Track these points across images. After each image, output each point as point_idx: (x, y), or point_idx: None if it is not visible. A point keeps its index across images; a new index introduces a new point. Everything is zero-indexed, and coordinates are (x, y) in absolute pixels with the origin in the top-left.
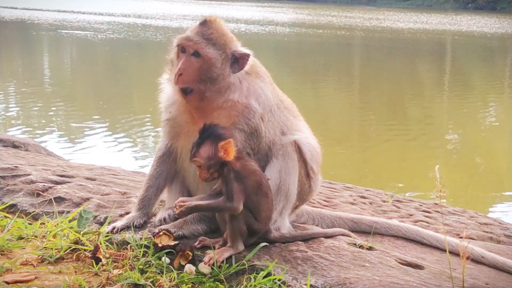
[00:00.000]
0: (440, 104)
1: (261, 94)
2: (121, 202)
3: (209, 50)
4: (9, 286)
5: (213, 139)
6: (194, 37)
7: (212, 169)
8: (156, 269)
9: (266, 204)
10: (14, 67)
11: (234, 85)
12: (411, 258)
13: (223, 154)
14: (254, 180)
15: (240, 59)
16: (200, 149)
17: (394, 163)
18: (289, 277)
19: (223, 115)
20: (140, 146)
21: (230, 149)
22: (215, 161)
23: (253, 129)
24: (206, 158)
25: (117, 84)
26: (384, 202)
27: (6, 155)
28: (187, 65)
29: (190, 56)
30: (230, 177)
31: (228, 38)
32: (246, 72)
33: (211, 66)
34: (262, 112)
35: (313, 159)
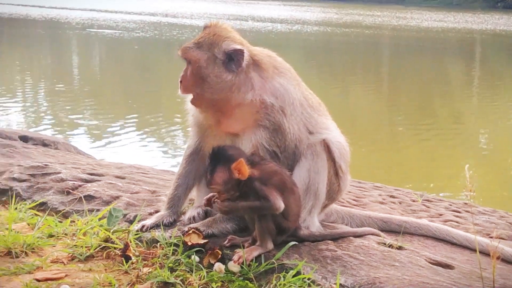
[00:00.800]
0: (470, 104)
1: (279, 88)
2: (151, 201)
3: (193, 53)
4: (39, 283)
5: (224, 163)
6: (185, 46)
7: (232, 191)
8: (186, 267)
9: (293, 201)
10: (43, 66)
11: (245, 84)
12: (441, 258)
13: (238, 175)
14: (277, 179)
15: (234, 56)
16: (215, 176)
17: (423, 162)
18: (319, 276)
19: (244, 113)
20: (169, 144)
21: (243, 168)
22: (232, 183)
23: (276, 125)
24: (222, 183)
25: (147, 83)
26: (414, 201)
27: (36, 153)
28: (185, 73)
29: (188, 64)
30: (256, 186)
31: (216, 38)
32: (262, 69)
33: (198, 68)
34: (281, 106)
35: (342, 157)
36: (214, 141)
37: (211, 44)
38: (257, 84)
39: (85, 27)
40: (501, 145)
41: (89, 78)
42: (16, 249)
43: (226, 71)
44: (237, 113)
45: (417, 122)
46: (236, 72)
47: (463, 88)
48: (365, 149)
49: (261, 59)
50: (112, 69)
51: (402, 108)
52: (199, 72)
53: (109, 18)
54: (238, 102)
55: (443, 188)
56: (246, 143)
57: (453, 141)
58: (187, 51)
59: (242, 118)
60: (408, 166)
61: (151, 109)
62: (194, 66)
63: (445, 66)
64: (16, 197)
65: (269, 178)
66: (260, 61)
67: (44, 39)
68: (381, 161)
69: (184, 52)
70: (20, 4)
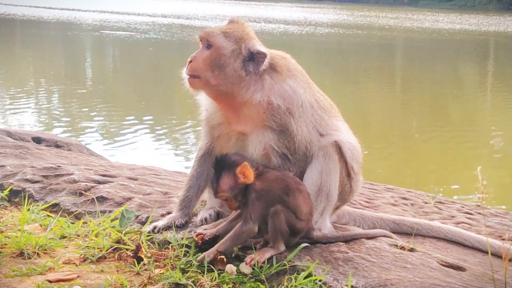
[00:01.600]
0: (483, 106)
1: (288, 90)
2: (163, 202)
3: (220, 39)
4: (51, 284)
5: (228, 169)
6: (208, 29)
7: (240, 197)
8: (197, 269)
9: (303, 199)
10: (56, 67)
11: (255, 85)
12: (453, 260)
13: (243, 179)
14: (280, 186)
15: (256, 57)
16: (220, 183)
17: (436, 164)
18: (330, 278)
19: (252, 113)
20: (181, 146)
21: (248, 171)
22: (239, 189)
23: (282, 126)
24: (229, 189)
25: (159, 84)
26: (426, 203)
27: (49, 155)
28: (198, 54)
29: (205, 48)
30: (251, 198)
31: (245, 35)
32: (274, 71)
33: (220, 54)
34: (288, 107)
35: (354, 159)
36: (225, 142)
37: (239, 39)
38: (267, 85)
39: (98, 28)
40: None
41: (102, 80)
42: (28, 250)
43: (243, 69)
44: (245, 112)
45: (430, 124)
46: (252, 73)
47: (476, 90)
48: (378, 151)
49: (276, 62)
50: (125, 70)
51: (415, 109)
52: (219, 60)
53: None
54: (245, 101)
55: (456, 190)
56: (255, 144)
57: (466, 143)
58: (214, 35)
59: (250, 117)
60: (420, 168)
61: (164, 111)
62: (216, 52)
63: (458, 68)
64: (28, 198)
65: (270, 189)
66: (275, 64)
67: (57, 40)
68: (393, 163)
69: (210, 35)
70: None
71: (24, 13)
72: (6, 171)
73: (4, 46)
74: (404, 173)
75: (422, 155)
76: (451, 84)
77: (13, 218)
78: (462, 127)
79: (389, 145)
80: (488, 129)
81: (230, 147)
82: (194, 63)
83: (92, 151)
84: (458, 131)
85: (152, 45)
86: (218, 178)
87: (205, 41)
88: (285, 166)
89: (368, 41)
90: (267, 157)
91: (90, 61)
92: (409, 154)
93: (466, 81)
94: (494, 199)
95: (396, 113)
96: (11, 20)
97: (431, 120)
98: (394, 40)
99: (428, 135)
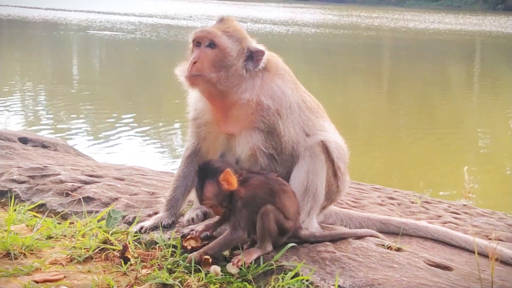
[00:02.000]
0: (469, 106)
1: (277, 91)
2: (150, 202)
3: (226, 40)
4: (38, 285)
5: (211, 176)
6: (211, 29)
7: (225, 203)
8: (184, 269)
9: (288, 199)
10: (42, 67)
11: (246, 83)
12: (440, 260)
13: (227, 186)
14: (264, 191)
15: (255, 55)
16: (205, 191)
17: (422, 164)
18: (317, 278)
19: (240, 114)
20: (168, 146)
21: (231, 178)
22: (223, 195)
23: (270, 127)
24: (213, 197)
25: (146, 84)
26: (413, 203)
27: (35, 155)
28: (202, 55)
29: (205, 47)
30: (238, 205)
31: (244, 34)
32: (265, 69)
33: (226, 55)
34: (277, 108)
35: (341, 158)
36: (212, 143)
37: (240, 38)
38: (258, 84)
39: (84, 28)
40: (500, 147)
41: (88, 80)
42: (14, 251)
43: (243, 68)
44: (234, 112)
45: (416, 124)
46: (250, 71)
47: (462, 90)
48: (364, 151)
49: (268, 61)
50: (112, 70)
51: (401, 110)
52: (225, 60)
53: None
54: (235, 100)
55: (442, 189)
56: (243, 145)
57: (452, 143)
58: (218, 36)
59: (238, 118)
60: (407, 168)
61: (150, 111)
62: (223, 52)
63: (444, 67)
64: (15, 198)
65: (255, 194)
66: (266, 62)
67: (43, 40)
68: (380, 163)
69: (215, 36)
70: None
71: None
72: None
73: None
74: (391, 173)
75: (409, 155)
76: (438, 84)
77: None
78: (449, 127)
79: (376, 145)
80: (474, 129)
81: (217, 148)
82: (199, 63)
83: (78, 151)
84: (444, 131)
85: (138, 45)
86: (202, 186)
87: (207, 41)
88: (272, 166)
89: (354, 41)
90: (254, 158)
91: (76, 61)
92: (396, 154)
93: (453, 81)
94: (480, 199)
95: (383, 113)
96: None
97: (418, 120)
98: (380, 40)
99: (415, 135)
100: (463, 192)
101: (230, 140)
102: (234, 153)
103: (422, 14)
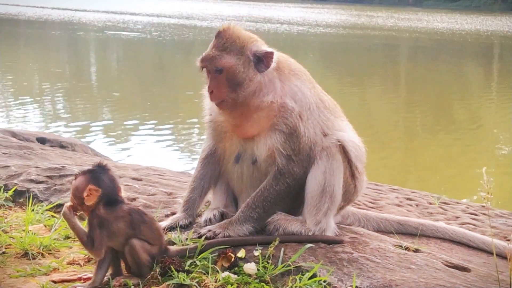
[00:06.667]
0: (488, 106)
1: (297, 92)
2: (167, 203)
3: (226, 60)
4: (56, 285)
5: (85, 179)
6: (209, 55)
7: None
8: (201, 269)
9: (148, 228)
10: (62, 68)
11: (266, 86)
12: (458, 261)
13: (86, 196)
14: (125, 221)
15: (264, 58)
16: (73, 183)
17: (441, 165)
18: (335, 279)
19: (261, 117)
20: (186, 146)
21: (93, 196)
22: (80, 202)
23: (292, 129)
24: (73, 195)
25: (164, 85)
26: (431, 204)
27: (53, 155)
28: (214, 82)
29: (215, 73)
30: (93, 223)
31: (244, 41)
32: (280, 71)
33: (235, 73)
34: (299, 111)
35: (358, 158)
36: (228, 145)
37: (242, 48)
38: (278, 86)
39: (102, 29)
40: None
41: (107, 80)
42: (32, 251)
43: (256, 73)
44: (254, 116)
45: (434, 125)
46: (263, 74)
47: (480, 91)
48: (382, 152)
49: (279, 60)
50: (130, 71)
51: (419, 110)
52: (235, 78)
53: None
54: (257, 105)
55: (461, 190)
56: (261, 147)
57: (471, 144)
58: (218, 59)
59: (259, 121)
60: (425, 168)
61: (168, 111)
62: (230, 72)
63: (463, 68)
64: (33, 198)
65: (111, 221)
66: (278, 62)
67: (61, 40)
68: (398, 163)
69: (214, 61)
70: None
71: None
72: (10, 171)
73: (8, 46)
74: (408, 173)
75: (426, 156)
76: (456, 85)
77: (17, 218)
78: (467, 128)
79: (393, 146)
80: (492, 130)
81: (233, 149)
82: (216, 91)
83: (96, 152)
84: (463, 132)
85: (156, 45)
86: (76, 177)
87: (213, 68)
88: (289, 166)
89: (371, 41)
90: (271, 158)
91: (95, 62)
92: (413, 154)
93: (471, 82)
94: (499, 200)
95: (401, 113)
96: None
97: (436, 120)
98: (398, 40)
99: (433, 136)
100: (482, 193)
101: (247, 142)
102: (251, 154)
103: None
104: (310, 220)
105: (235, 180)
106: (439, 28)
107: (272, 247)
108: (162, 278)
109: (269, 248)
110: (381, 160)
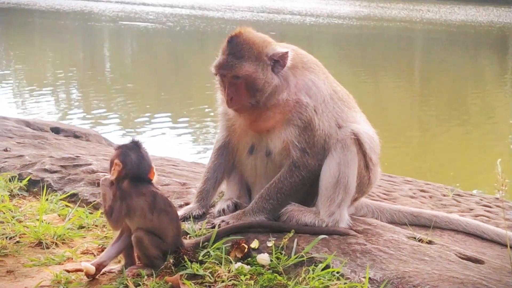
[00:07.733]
0: (502, 98)
1: (312, 86)
2: (181, 193)
3: (246, 68)
4: (69, 274)
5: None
6: (225, 62)
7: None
8: (215, 260)
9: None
10: (75, 58)
11: (281, 85)
12: (471, 253)
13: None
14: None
15: (280, 59)
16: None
17: (455, 157)
18: (348, 270)
19: (276, 112)
20: (200, 137)
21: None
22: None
23: (307, 123)
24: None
25: (178, 75)
26: (444, 196)
27: (67, 145)
28: (232, 89)
29: (231, 80)
30: (117, 195)
31: (259, 46)
32: (293, 66)
33: (254, 79)
34: (314, 105)
35: (372, 149)
36: (242, 136)
37: (259, 53)
38: (292, 83)
39: (116, 19)
40: None
41: (121, 71)
42: (46, 240)
43: (273, 75)
44: (270, 113)
45: (448, 117)
46: (279, 73)
47: (495, 83)
48: (396, 143)
49: (293, 57)
50: (144, 61)
51: (433, 102)
52: (255, 84)
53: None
54: (274, 103)
55: (474, 182)
56: (276, 139)
57: (485, 136)
58: (238, 68)
59: (274, 117)
60: (439, 160)
61: (182, 102)
62: (248, 80)
63: (477, 60)
64: (47, 188)
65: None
66: (292, 59)
67: (76, 31)
68: (411, 155)
69: (234, 69)
70: None
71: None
72: (25, 161)
73: (22, 36)
74: (422, 165)
75: (440, 148)
76: (470, 77)
77: (31, 208)
78: (481, 120)
79: (407, 137)
80: (507, 122)
81: (247, 140)
82: (235, 98)
83: (110, 142)
84: (477, 124)
85: (171, 36)
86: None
87: (229, 76)
88: (304, 159)
89: (386, 33)
90: (286, 151)
91: (109, 52)
92: (427, 146)
93: (485, 74)
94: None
95: (415, 105)
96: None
97: (450, 112)
98: (413, 32)
99: (447, 128)
100: (496, 185)
101: (261, 134)
102: (265, 146)
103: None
104: (324, 211)
105: (248, 171)
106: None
107: (286, 238)
108: (176, 268)
109: (283, 239)
110: (394, 151)
